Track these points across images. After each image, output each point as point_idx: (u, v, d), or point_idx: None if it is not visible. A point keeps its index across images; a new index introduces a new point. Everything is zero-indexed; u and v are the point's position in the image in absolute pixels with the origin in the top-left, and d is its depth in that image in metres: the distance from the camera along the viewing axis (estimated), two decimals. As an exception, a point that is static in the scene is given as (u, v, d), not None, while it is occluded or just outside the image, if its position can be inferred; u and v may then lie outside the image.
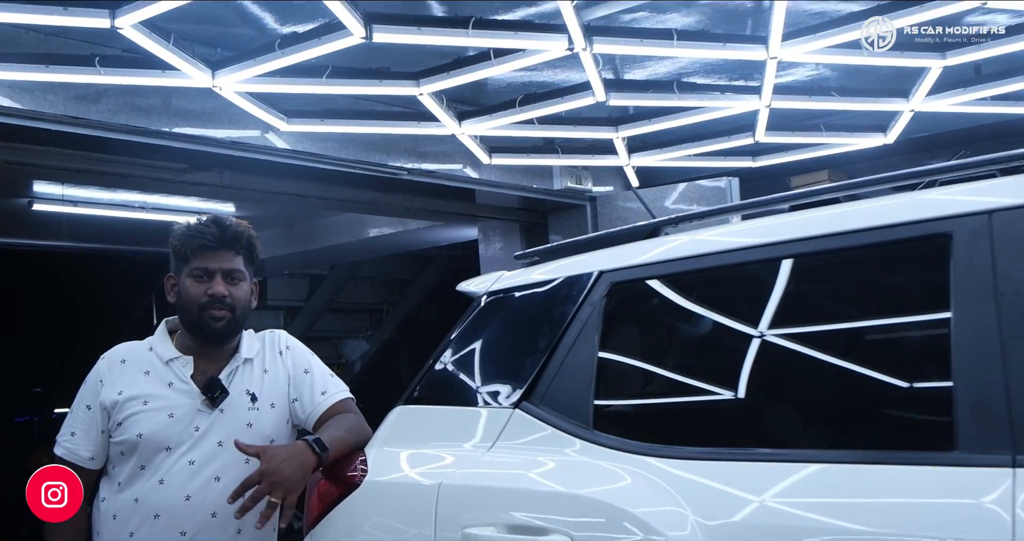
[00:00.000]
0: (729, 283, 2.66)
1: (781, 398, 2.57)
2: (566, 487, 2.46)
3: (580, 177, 8.25)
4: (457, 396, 2.93)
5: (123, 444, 3.01)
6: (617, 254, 2.83)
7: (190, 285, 3.06)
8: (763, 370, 2.50)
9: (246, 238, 3.12)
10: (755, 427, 2.59)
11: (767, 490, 2.19)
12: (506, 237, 9.36)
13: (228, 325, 3.07)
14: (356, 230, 10.72)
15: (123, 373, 3.08)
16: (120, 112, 5.56)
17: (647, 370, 2.90)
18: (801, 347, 2.48)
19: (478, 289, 3.12)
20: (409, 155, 7.18)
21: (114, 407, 3.03)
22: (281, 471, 2.77)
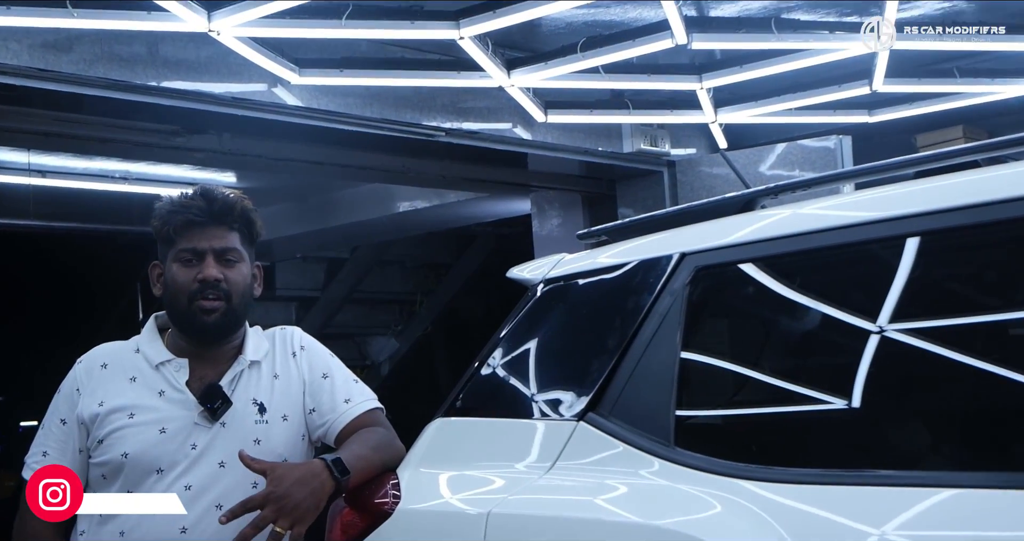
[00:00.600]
0: (841, 267, 2.65)
1: (907, 408, 2.56)
2: (642, 517, 2.46)
3: (655, 138, 8.23)
4: (508, 406, 2.95)
5: (105, 466, 3.02)
6: (703, 232, 2.82)
7: (177, 270, 3.06)
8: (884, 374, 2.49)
9: (240, 210, 3.10)
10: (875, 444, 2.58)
11: (889, 521, 2.18)
12: (565, 211, 9.36)
13: (223, 318, 3.06)
14: (383, 204, 10.76)
15: (104, 380, 3.09)
16: (97, 63, 5.60)
17: (740, 374, 2.90)
18: (932, 345, 2.45)
19: (533, 276, 3.12)
20: (447, 112, 7.20)
21: (94, 421, 3.04)
22: (291, 495, 2.77)
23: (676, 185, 8.63)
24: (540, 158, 8.29)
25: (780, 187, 2.91)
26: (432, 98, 7.10)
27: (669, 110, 7.66)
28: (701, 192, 8.41)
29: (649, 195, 8.73)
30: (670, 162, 8.68)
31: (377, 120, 6.84)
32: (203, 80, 6.07)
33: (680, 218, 3.00)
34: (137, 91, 5.84)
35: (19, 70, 5.43)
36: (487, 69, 6.07)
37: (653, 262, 2.80)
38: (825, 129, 8.36)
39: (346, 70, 6.16)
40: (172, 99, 6.00)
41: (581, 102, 7.44)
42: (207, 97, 6.13)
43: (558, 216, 9.42)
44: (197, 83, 6.07)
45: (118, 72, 5.69)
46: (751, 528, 2.30)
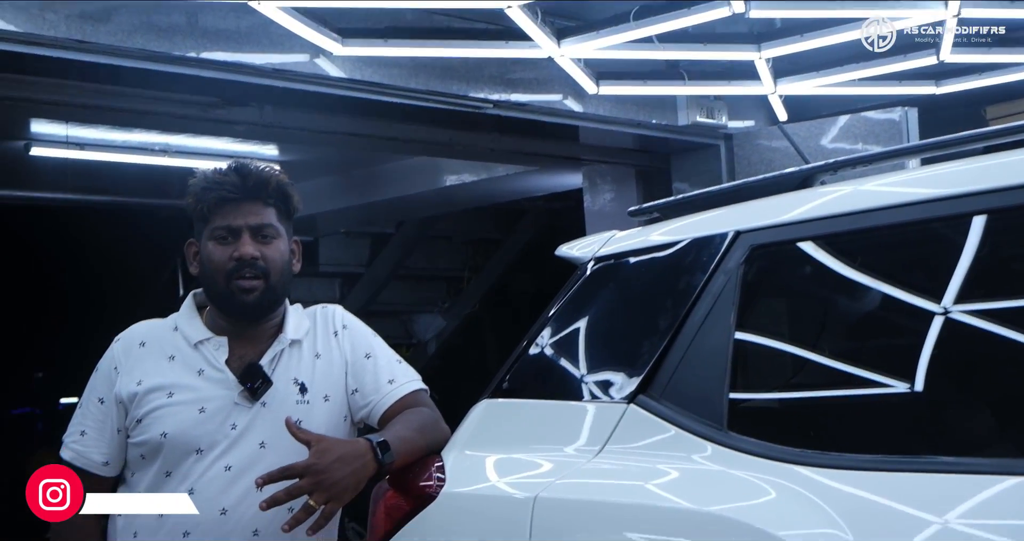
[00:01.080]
0: (904, 247, 2.64)
1: (971, 393, 2.55)
2: (694, 503, 2.47)
3: (712, 110, 8.20)
4: (557, 388, 2.96)
5: (144, 446, 3.06)
6: (759, 210, 2.82)
7: (213, 249, 3.08)
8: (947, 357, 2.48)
9: (275, 184, 3.11)
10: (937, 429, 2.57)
11: (951, 509, 2.18)
12: (618, 186, 9.34)
13: (262, 296, 3.09)
14: (429, 178, 10.78)
15: (143, 359, 3.13)
16: (135, 33, 5.63)
17: (797, 356, 2.89)
18: (998, 328, 2.45)
19: (583, 254, 3.13)
20: (495, 84, 7.19)
21: (132, 400, 3.08)
22: (332, 472, 2.78)
23: (733, 159, 8.60)
24: (592, 131, 8.28)
25: (840, 163, 2.89)
26: (479, 69, 7.09)
27: (726, 81, 7.63)
28: (759, 166, 8.37)
29: (705, 169, 8.70)
30: (727, 135, 8.66)
31: (422, 92, 6.85)
32: (243, 51, 6.09)
33: (735, 195, 2.99)
34: (176, 62, 5.87)
35: (57, 41, 5.46)
36: (536, 39, 6.06)
37: (707, 240, 2.80)
38: (890, 100, 8.29)
39: (391, 40, 6.17)
40: (212, 70, 6.03)
41: (634, 73, 7.42)
42: (247, 68, 6.15)
43: (611, 191, 9.41)
44: (237, 54, 6.09)
45: (157, 43, 5.72)
46: (806, 515, 2.31)
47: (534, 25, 5.86)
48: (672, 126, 8.23)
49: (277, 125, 7.23)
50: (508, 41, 6.26)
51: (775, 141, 8.44)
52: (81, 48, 5.54)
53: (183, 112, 6.86)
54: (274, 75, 6.26)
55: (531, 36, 6.02)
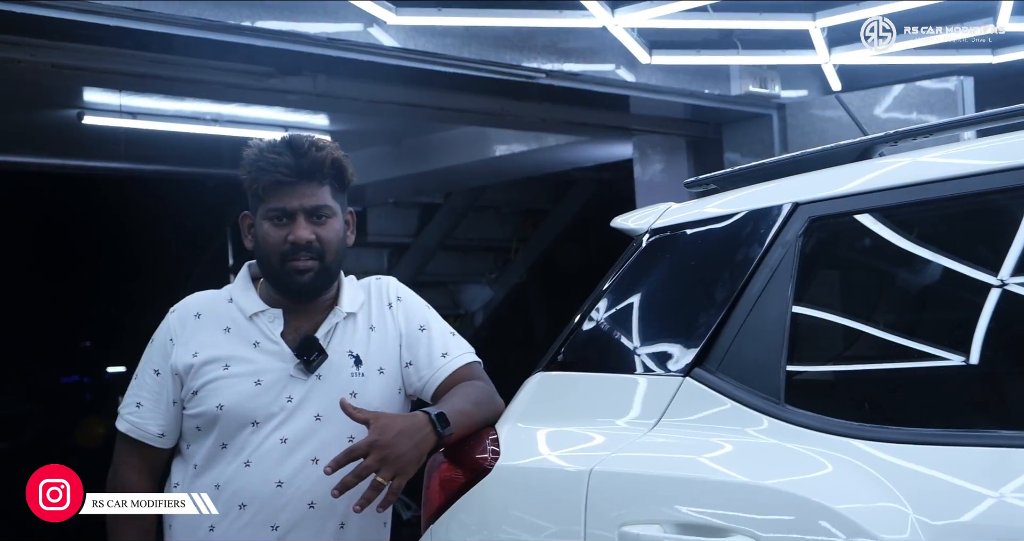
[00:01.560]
0: (964, 219, 2.62)
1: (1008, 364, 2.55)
2: (751, 476, 2.47)
3: (765, 79, 8.16)
4: (611, 361, 2.95)
5: (200, 417, 3.08)
6: (817, 181, 2.80)
7: (268, 230, 3.08)
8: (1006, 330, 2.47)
9: (330, 163, 3.09)
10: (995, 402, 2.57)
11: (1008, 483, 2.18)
12: (669, 156, 9.32)
13: (317, 277, 3.09)
14: (479, 148, 10.77)
15: (198, 330, 3.14)
16: (191, 4, 5.65)
17: (855, 329, 2.88)
18: None
19: (639, 225, 3.11)
20: (548, 53, 7.18)
21: (188, 372, 3.09)
22: (395, 446, 2.80)
23: (786, 129, 8.55)
24: (643, 101, 8.25)
25: (900, 134, 2.87)
26: (531, 38, 7.08)
27: (780, 50, 7.58)
28: (812, 136, 8.32)
29: (757, 140, 8.66)
30: (780, 105, 8.60)
31: (475, 61, 6.84)
32: (298, 20, 6.09)
33: (792, 166, 2.97)
34: (231, 31, 5.88)
35: (113, 10, 5.48)
36: (590, 7, 6.04)
37: (764, 212, 2.79)
38: (945, 70, 8.22)
39: (444, 9, 6.16)
40: (266, 39, 6.04)
41: (687, 42, 7.38)
42: (302, 37, 6.15)
43: (661, 161, 9.38)
44: (291, 23, 6.09)
45: (212, 12, 5.74)
46: (864, 489, 2.31)
47: (590, -6, 5.85)
48: (724, 96, 8.20)
49: (330, 95, 7.25)
50: (561, 10, 6.23)
51: (829, 111, 8.39)
52: (137, 16, 5.55)
53: (237, 81, 6.89)
54: (328, 44, 6.26)
55: (585, 5, 6.00)
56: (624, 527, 2.56)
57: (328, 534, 3.06)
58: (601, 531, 2.60)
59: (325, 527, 3.05)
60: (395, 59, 6.60)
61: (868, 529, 2.24)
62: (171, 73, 6.63)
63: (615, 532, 2.57)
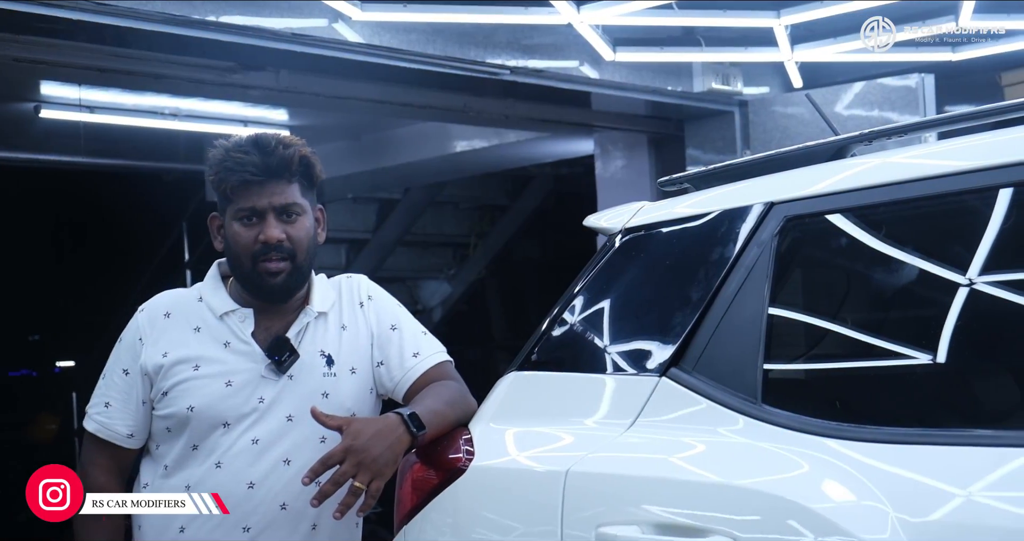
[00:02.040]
0: (937, 218, 2.64)
1: (1000, 364, 2.56)
2: (729, 477, 2.47)
3: (728, 76, 8.18)
4: (586, 361, 2.94)
5: (170, 419, 3.05)
6: (792, 180, 2.80)
7: (237, 230, 3.04)
8: (982, 328, 2.49)
9: (298, 160, 3.06)
10: (970, 401, 2.58)
11: (975, 481, 2.20)
12: (630, 152, 9.34)
13: (289, 278, 3.06)
14: (439, 143, 10.75)
15: (167, 329, 3.11)
16: (155, -3, 5.62)
17: (831, 329, 2.89)
18: (1000, 294, 2.47)
19: (612, 225, 3.10)
20: (511, 50, 7.17)
21: (158, 372, 3.06)
22: (369, 449, 2.78)
23: (748, 126, 8.58)
24: (605, 97, 8.25)
25: (875, 133, 2.87)
26: (495, 34, 7.07)
27: (743, 48, 7.60)
28: (774, 133, 8.36)
29: (719, 136, 8.69)
30: (742, 102, 8.63)
31: (440, 57, 6.83)
32: (262, 15, 6.07)
33: (767, 166, 2.97)
34: (195, 26, 5.84)
35: (76, 4, 5.43)
36: (556, 4, 6.03)
37: (739, 211, 2.79)
38: (906, 67, 8.26)
39: (410, 4, 6.14)
40: (230, 34, 6.00)
41: (650, 39, 7.39)
42: (266, 33, 6.13)
43: (623, 158, 9.40)
44: (256, 18, 6.06)
45: (176, 6, 5.70)
46: (841, 488, 2.31)
47: (555, -11, 5.84)
48: (687, 93, 8.22)
49: (292, 90, 7.22)
50: (527, 6, 6.22)
51: (790, 107, 8.42)
52: (101, 10, 5.51)
53: (199, 76, 6.84)
54: (292, 40, 6.24)
55: (551, 2, 5.99)
56: (601, 528, 2.55)
57: (300, 535, 3.03)
58: (578, 532, 2.59)
59: (297, 528, 3.03)
60: (360, 55, 6.58)
61: (848, 529, 2.24)
62: (133, 67, 6.58)
63: (592, 533, 2.56)
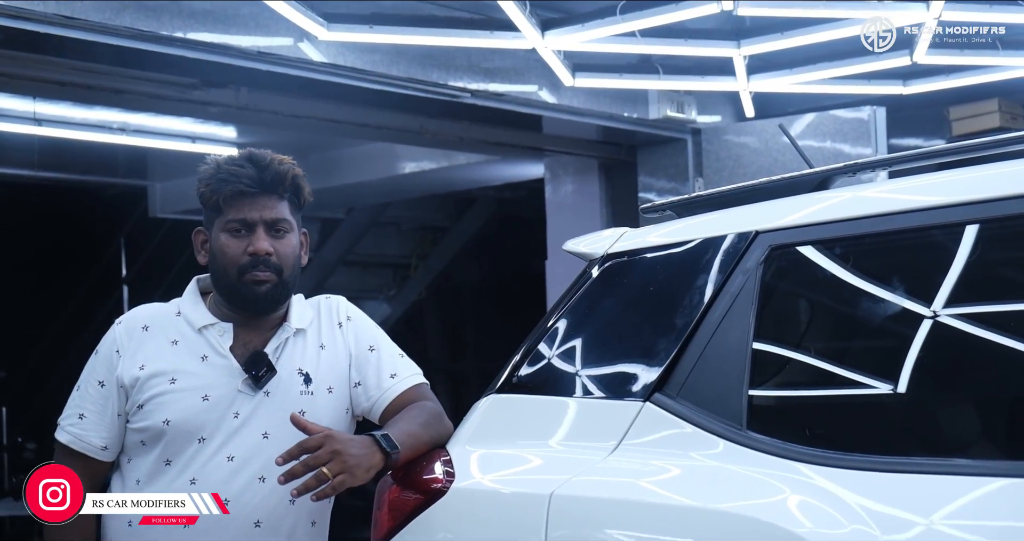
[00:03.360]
0: (923, 250, 2.68)
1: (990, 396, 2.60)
2: (714, 502, 2.49)
3: (682, 104, 8.25)
4: (568, 384, 2.95)
5: (145, 432, 3.03)
6: (778, 210, 2.84)
7: (225, 242, 3.05)
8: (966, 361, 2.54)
9: (291, 178, 3.09)
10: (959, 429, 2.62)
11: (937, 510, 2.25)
12: (580, 177, 9.37)
13: (274, 290, 3.06)
14: (386, 164, 10.74)
15: (145, 342, 3.10)
16: (124, 12, 5.58)
17: (816, 356, 2.92)
18: (978, 330, 2.53)
19: (593, 250, 3.12)
20: (472, 73, 7.20)
21: (134, 385, 3.04)
22: (349, 450, 2.77)
23: (701, 153, 8.65)
24: (561, 122, 8.29)
25: (858, 165, 2.92)
26: (457, 57, 7.10)
27: (699, 76, 7.66)
28: (727, 162, 8.45)
29: (671, 164, 8.74)
30: (695, 130, 8.70)
31: (403, 79, 6.85)
32: (230, 33, 6.06)
33: (751, 195, 3.01)
34: (163, 42, 5.83)
35: (45, 16, 5.40)
36: (523, 29, 6.06)
37: (725, 240, 2.82)
38: (856, 100, 8.37)
39: (376, 26, 6.15)
40: (196, 51, 5.99)
41: (609, 66, 7.43)
42: (233, 51, 6.12)
43: (573, 182, 9.42)
44: (223, 36, 6.06)
45: (145, 22, 5.68)
46: (822, 515, 2.34)
47: (522, 15, 5.85)
48: (643, 119, 8.27)
49: (251, 108, 7.19)
50: (492, 30, 6.24)
51: (743, 137, 8.50)
52: (70, 24, 5.49)
53: (161, 92, 6.80)
54: (258, 58, 6.24)
55: (519, 26, 6.01)
56: (587, 552, 2.57)
57: (274, 553, 3.02)
58: (563, 556, 2.61)
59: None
60: (323, 74, 6.58)
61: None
62: (94, 82, 6.53)
63: (577, 557, 2.58)
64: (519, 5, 5.77)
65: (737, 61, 7.13)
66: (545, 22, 6.26)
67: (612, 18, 6.10)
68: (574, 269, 3.21)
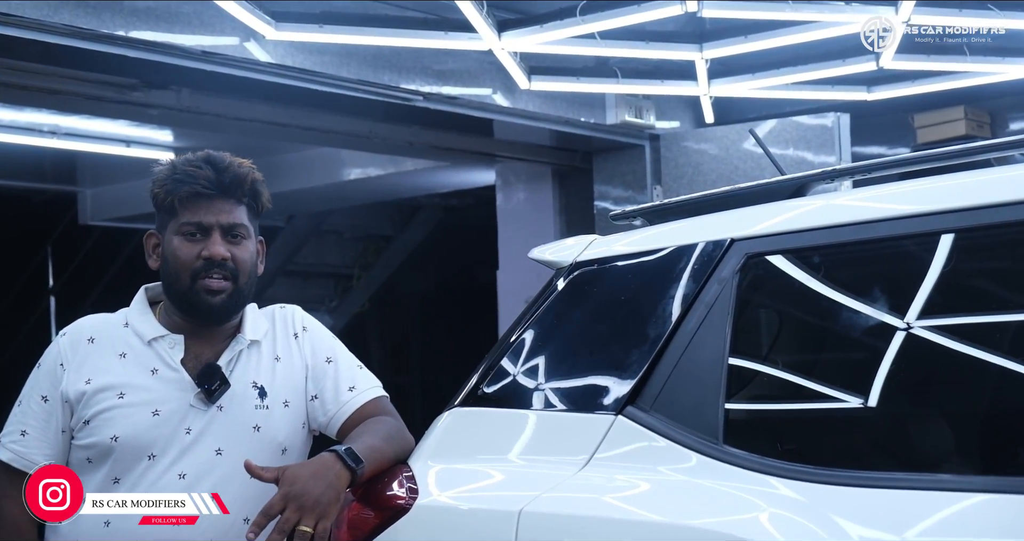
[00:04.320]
0: (902, 259, 2.71)
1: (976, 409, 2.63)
2: (690, 518, 2.50)
3: (641, 109, 8.27)
4: (535, 397, 2.95)
5: (92, 449, 3.00)
6: (754, 217, 2.85)
7: (179, 245, 3.02)
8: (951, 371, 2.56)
9: (250, 182, 3.08)
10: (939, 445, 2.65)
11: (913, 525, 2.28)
12: (533, 184, 9.39)
13: (229, 299, 3.04)
14: (330, 170, 10.69)
15: (91, 355, 3.06)
16: (62, 9, 5.54)
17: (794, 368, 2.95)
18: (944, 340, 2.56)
19: (560, 258, 3.12)
20: (425, 75, 7.20)
21: (80, 400, 3.01)
22: (309, 492, 2.76)
23: (659, 160, 8.67)
24: (514, 127, 8.31)
25: (837, 172, 2.95)
26: (408, 59, 7.10)
27: (658, 80, 7.69)
28: (686, 169, 8.48)
29: (628, 170, 8.77)
30: (653, 135, 8.74)
31: (353, 81, 6.85)
32: (174, 31, 6.03)
33: (725, 201, 3.02)
34: (103, 41, 5.79)
35: (-22, 14, 5.36)
36: (479, 30, 6.06)
37: (699, 247, 2.83)
38: (818, 106, 8.43)
39: (326, 25, 6.13)
40: (138, 50, 5.95)
41: (565, 69, 7.46)
42: (176, 50, 6.09)
43: (525, 189, 9.43)
44: (167, 34, 6.03)
45: (85, 19, 5.64)
46: (800, 531, 2.35)
47: (479, 16, 5.85)
48: (600, 124, 8.30)
49: (193, 110, 7.16)
50: (447, 31, 6.24)
51: (703, 143, 8.53)
52: (5, 21, 5.45)
53: (98, 93, 6.75)
54: (202, 58, 6.20)
55: (475, 27, 6.01)
56: (558, 571, 2.57)
57: (231, 575, 3.01)
58: (532, 576, 2.61)
59: (224, 566, 3.00)
60: (270, 75, 6.56)
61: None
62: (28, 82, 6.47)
63: (547, 577, 2.58)
64: (476, 5, 5.78)
65: (699, 65, 7.16)
66: (502, 23, 6.27)
67: (572, 19, 6.11)
68: (526, 279, 3.23)
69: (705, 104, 7.99)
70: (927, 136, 8.61)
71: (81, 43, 5.73)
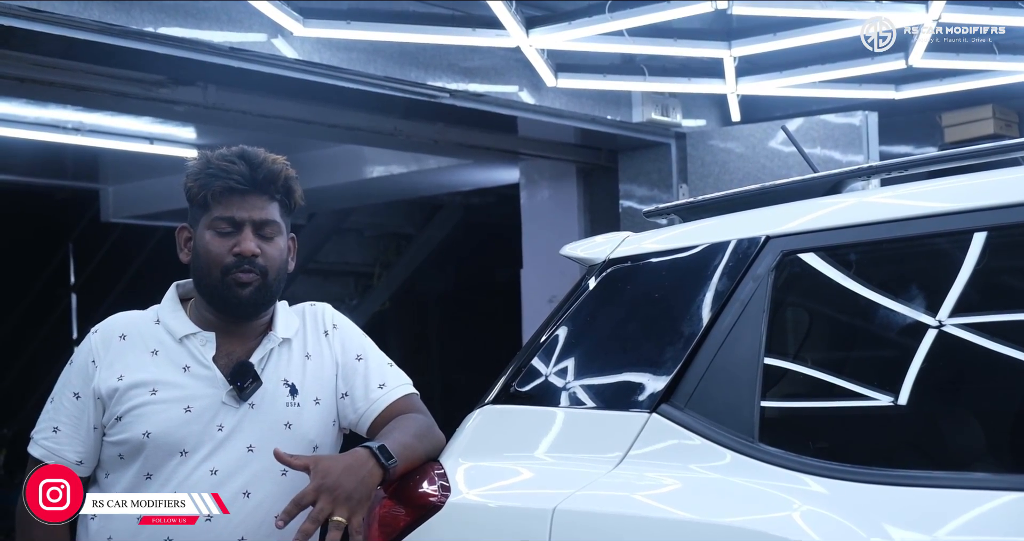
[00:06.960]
0: (938, 256, 2.70)
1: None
2: (725, 517, 2.50)
3: (667, 107, 8.26)
4: (568, 395, 2.96)
5: (124, 445, 3.01)
6: (790, 214, 2.85)
7: (211, 240, 3.03)
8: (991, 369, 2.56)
9: (283, 179, 3.09)
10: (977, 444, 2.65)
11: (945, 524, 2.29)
12: (557, 182, 9.39)
13: (257, 293, 3.04)
14: (353, 168, 10.68)
15: (123, 352, 3.08)
16: (92, 6, 5.55)
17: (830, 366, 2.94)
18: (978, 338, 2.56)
19: (593, 255, 3.13)
20: (451, 72, 7.21)
21: (112, 396, 3.02)
22: (342, 485, 2.77)
23: (685, 158, 8.66)
24: (538, 124, 8.31)
25: (873, 169, 2.94)
26: (435, 56, 7.11)
27: (685, 78, 7.68)
28: (712, 167, 8.47)
29: (654, 169, 8.76)
30: (679, 134, 8.73)
31: (379, 78, 6.85)
32: (202, 27, 6.04)
33: (760, 198, 3.02)
34: (131, 37, 5.80)
35: (9, 9, 5.36)
36: (508, 27, 6.06)
37: (734, 244, 2.83)
38: (845, 104, 8.41)
39: (353, 22, 6.14)
40: (166, 46, 5.96)
41: (591, 66, 7.45)
42: (204, 46, 6.10)
43: (549, 187, 9.43)
44: (195, 31, 6.04)
45: (115, 16, 5.65)
46: (835, 529, 2.36)
47: (508, 12, 5.85)
48: (626, 123, 8.28)
49: (219, 107, 7.16)
50: (475, 28, 6.24)
51: (730, 141, 8.52)
52: (35, 17, 5.46)
53: (125, 89, 6.75)
54: (229, 54, 6.21)
55: (504, 24, 6.01)
56: (591, 570, 2.58)
57: (260, 572, 3.01)
58: (566, 574, 2.61)
59: (256, 564, 3.01)
60: (297, 72, 6.57)
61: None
62: (56, 78, 6.49)
63: (581, 575, 2.58)
64: (505, 3, 5.77)
65: (727, 62, 7.15)
66: (530, 20, 6.27)
67: (600, 16, 6.10)
68: (550, 278, 3.23)
69: (732, 102, 7.98)
70: (955, 135, 8.59)
71: (110, 39, 5.74)
